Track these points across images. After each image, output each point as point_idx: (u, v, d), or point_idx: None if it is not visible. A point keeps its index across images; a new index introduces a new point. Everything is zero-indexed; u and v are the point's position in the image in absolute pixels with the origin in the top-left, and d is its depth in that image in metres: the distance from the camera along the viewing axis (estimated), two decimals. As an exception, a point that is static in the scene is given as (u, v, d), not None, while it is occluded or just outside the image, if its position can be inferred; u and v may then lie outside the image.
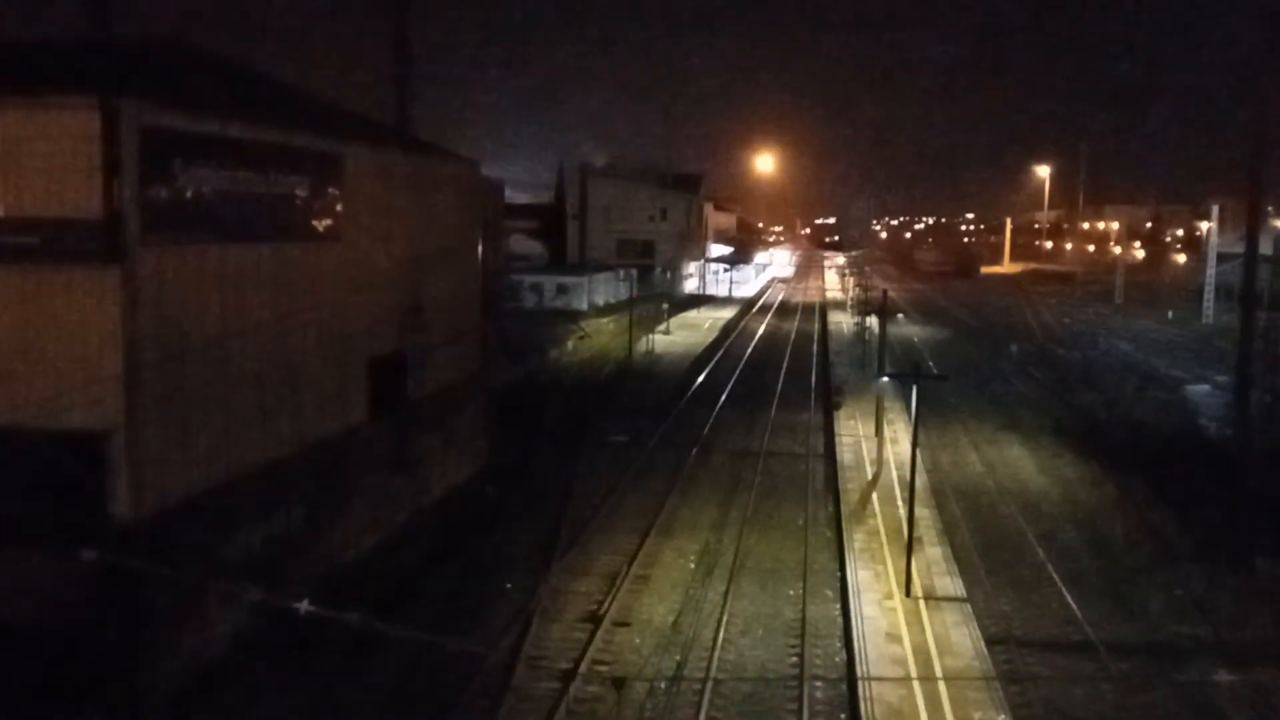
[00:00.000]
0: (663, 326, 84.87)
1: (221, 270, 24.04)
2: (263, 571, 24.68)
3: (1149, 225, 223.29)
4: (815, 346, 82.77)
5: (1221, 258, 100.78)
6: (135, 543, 20.84)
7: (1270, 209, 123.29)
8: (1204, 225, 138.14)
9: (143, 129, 21.22)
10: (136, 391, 21.25)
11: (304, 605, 13.90)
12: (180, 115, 22.76)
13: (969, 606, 27.30)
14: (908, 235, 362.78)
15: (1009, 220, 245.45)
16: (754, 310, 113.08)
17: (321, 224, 28.55)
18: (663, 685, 23.57)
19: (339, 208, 29.18)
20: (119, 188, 20.84)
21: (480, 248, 40.59)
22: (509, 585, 29.41)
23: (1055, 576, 30.27)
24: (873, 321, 65.79)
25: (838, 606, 28.27)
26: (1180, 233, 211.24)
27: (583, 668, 24.11)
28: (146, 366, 21.47)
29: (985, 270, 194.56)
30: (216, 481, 23.75)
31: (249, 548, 24.91)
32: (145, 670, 21.57)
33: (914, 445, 29.76)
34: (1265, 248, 51.18)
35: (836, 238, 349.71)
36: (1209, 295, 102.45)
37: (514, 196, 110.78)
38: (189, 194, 22.90)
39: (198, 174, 23.11)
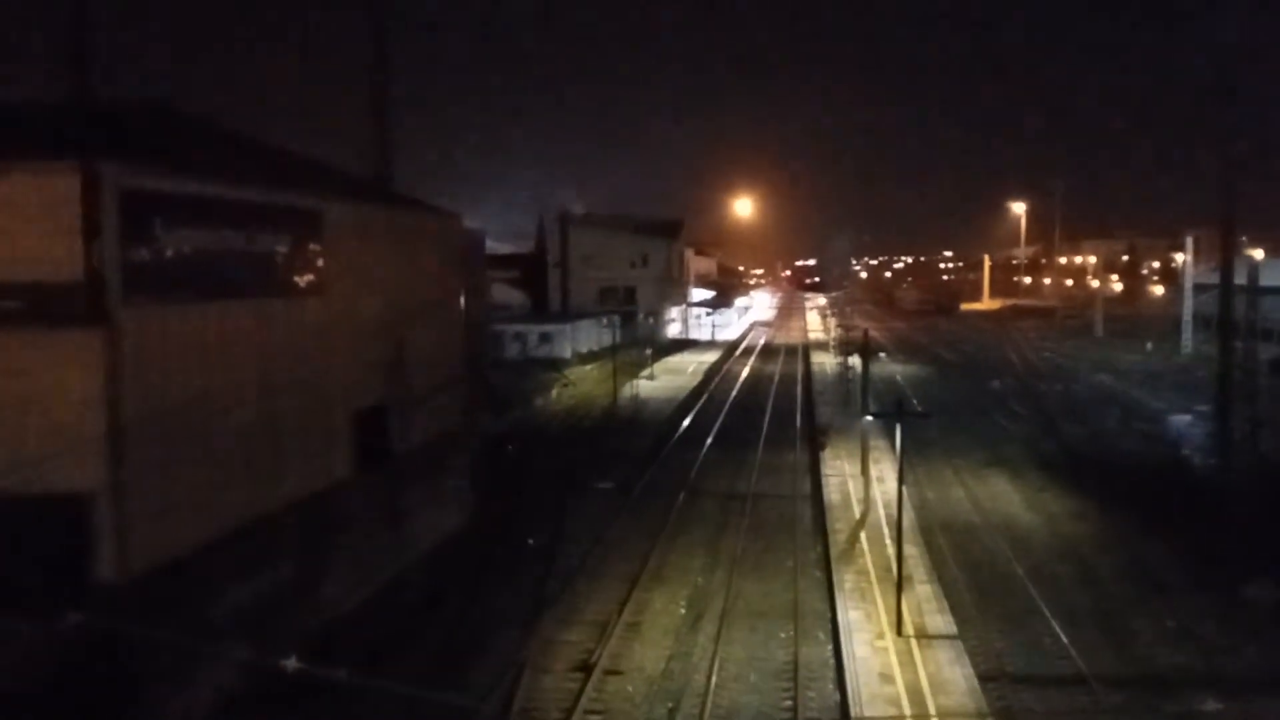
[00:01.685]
0: (647, 372, 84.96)
1: (204, 329, 24.10)
2: (250, 629, 24.53)
3: (1125, 258, 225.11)
4: (799, 387, 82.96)
5: (1198, 289, 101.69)
6: (120, 605, 20.71)
7: (1244, 239, 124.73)
8: (1179, 257, 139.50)
9: (123, 191, 21.36)
10: (120, 453, 21.22)
11: (291, 663, 13.83)
12: (160, 177, 22.92)
13: (960, 644, 27.27)
14: (888, 274, 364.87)
15: (987, 257, 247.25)
16: (737, 353, 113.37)
17: (303, 279, 28.67)
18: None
19: (320, 263, 29.32)
20: (100, 250, 20.94)
21: (463, 299, 40.76)
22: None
23: (1045, 611, 30.27)
24: (855, 361, 66.01)
25: (830, 648, 28.19)
26: (1157, 265, 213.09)
27: (574, 718, 23.95)
28: (129, 427, 21.46)
29: (965, 307, 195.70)
30: (202, 540, 23.65)
31: (236, 606, 24.75)
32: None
33: (900, 483, 29.84)
34: (1240, 278, 51.63)
35: (817, 279, 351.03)
36: (1187, 326, 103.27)
37: (495, 246, 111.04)
38: (170, 254, 23.01)
39: (178, 234, 23.23)
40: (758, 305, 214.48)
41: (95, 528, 21.05)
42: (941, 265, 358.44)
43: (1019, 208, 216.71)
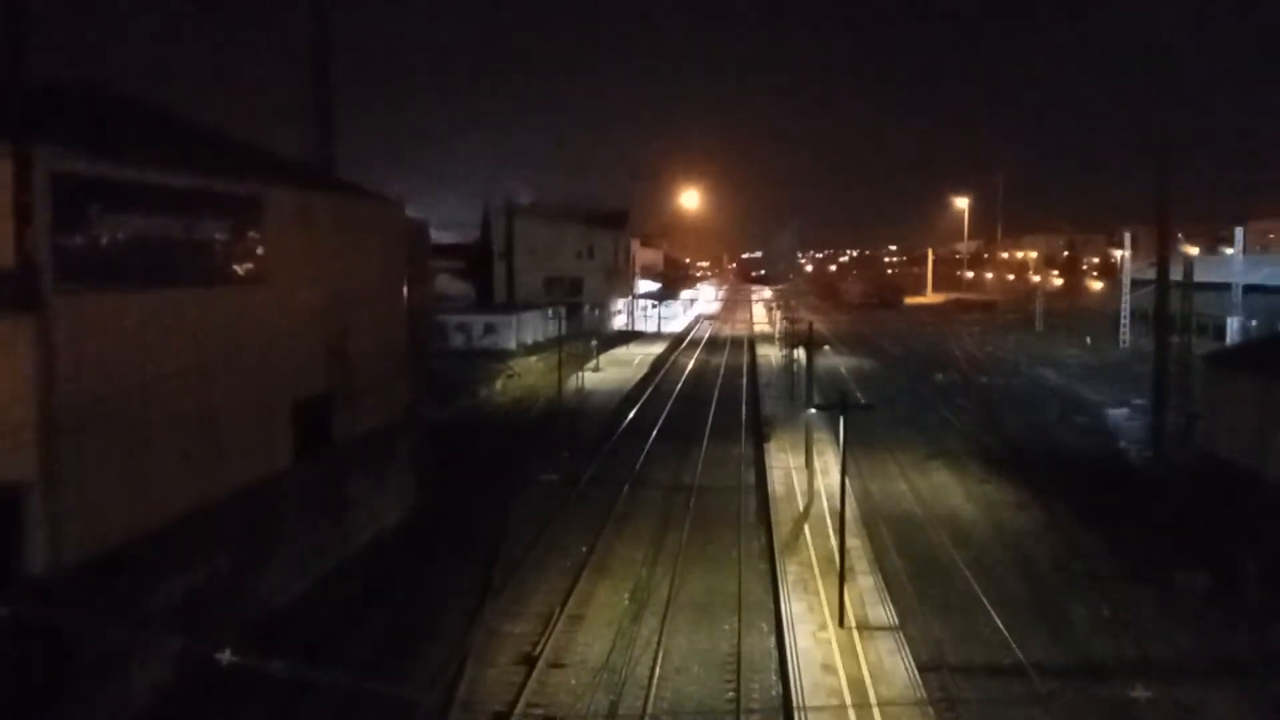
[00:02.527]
0: (592, 363, 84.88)
1: (140, 317, 23.67)
2: (188, 620, 24.19)
3: (1065, 253, 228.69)
4: (744, 379, 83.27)
5: (1135, 284, 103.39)
6: (53, 597, 20.30)
7: (1180, 236, 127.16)
8: (1118, 253, 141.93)
9: (56, 175, 20.90)
10: (52, 443, 20.79)
11: (227, 655, 13.61)
12: (96, 161, 22.45)
13: (902, 634, 27.53)
14: (833, 268, 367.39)
15: (931, 251, 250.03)
16: (683, 345, 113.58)
17: (243, 267, 28.25)
18: (599, 724, 23.42)
19: (260, 250, 28.90)
20: (32, 235, 20.47)
21: (406, 288, 40.40)
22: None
23: (985, 601, 30.64)
24: (800, 353, 66.38)
25: (773, 639, 28.33)
26: (1096, 260, 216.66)
27: (518, 710, 23.87)
28: (63, 417, 21.02)
29: (909, 301, 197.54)
30: (138, 532, 23.26)
31: (172, 597, 24.39)
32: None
33: (843, 475, 30.04)
34: (1176, 274, 52.59)
35: (763, 271, 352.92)
36: (1125, 321, 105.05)
37: (439, 236, 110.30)
38: (105, 240, 22.56)
39: (114, 220, 22.78)
40: (704, 297, 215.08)
41: (27, 519, 20.61)
42: (886, 259, 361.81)
43: (962, 203, 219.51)
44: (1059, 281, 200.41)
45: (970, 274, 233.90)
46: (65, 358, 21.14)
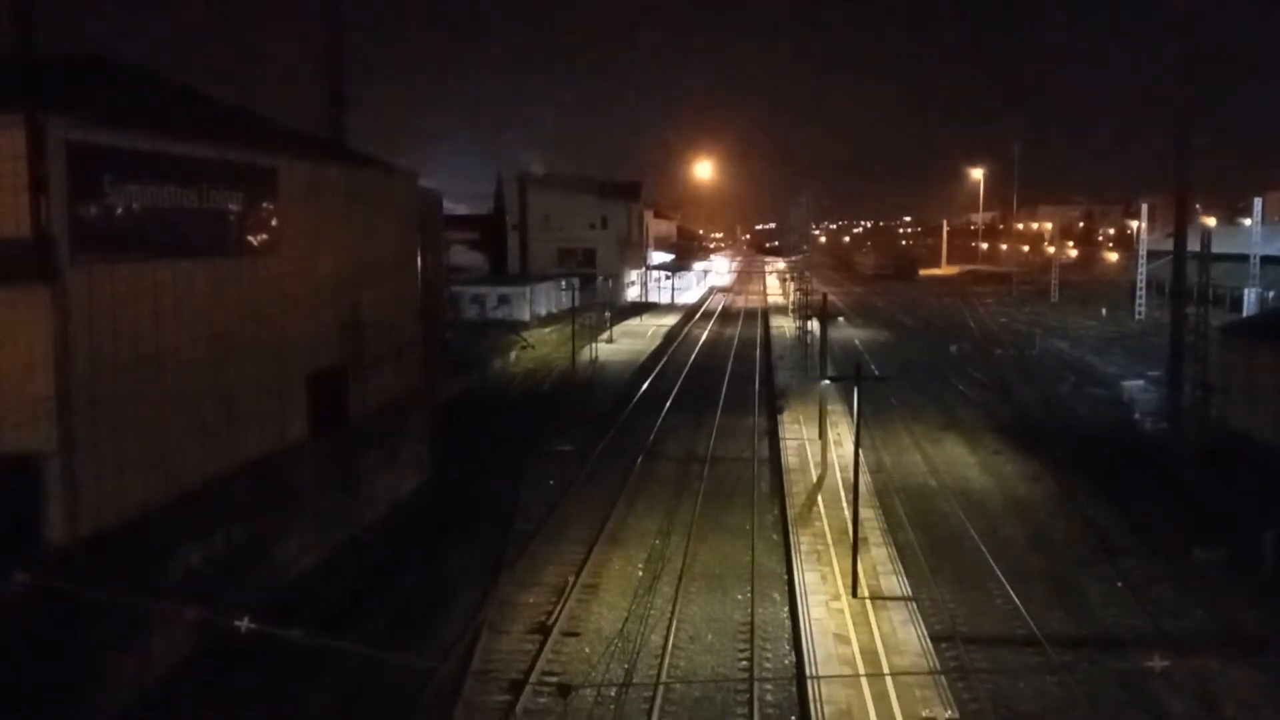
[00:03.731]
0: (606, 335, 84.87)
1: (155, 288, 23.70)
2: (204, 591, 24.36)
3: (1081, 225, 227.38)
4: (758, 351, 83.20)
5: (1152, 255, 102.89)
6: (71, 566, 20.45)
7: (1197, 207, 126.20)
8: (1134, 224, 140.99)
9: (70, 146, 20.89)
10: (69, 413, 20.88)
11: (245, 624, 13.71)
12: (109, 131, 22.42)
13: (915, 605, 27.55)
14: (847, 239, 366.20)
15: (945, 222, 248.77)
16: (697, 316, 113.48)
17: (257, 238, 28.25)
18: (612, 693, 23.54)
19: (274, 222, 28.89)
20: (47, 206, 20.48)
21: (420, 259, 40.37)
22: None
23: (998, 572, 30.66)
24: (814, 325, 66.25)
25: (786, 609, 28.41)
26: (1112, 231, 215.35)
27: (532, 678, 24.00)
28: (79, 387, 21.11)
29: (924, 272, 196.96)
30: (154, 502, 23.39)
31: (189, 567, 24.56)
32: (84, 694, 21.16)
33: (856, 446, 30.01)
34: (1193, 245, 52.20)
35: (777, 243, 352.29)
36: (1141, 292, 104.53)
37: (453, 207, 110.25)
38: (120, 211, 22.56)
39: (129, 191, 22.77)
40: (717, 269, 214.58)
41: (45, 489, 20.73)
42: (901, 230, 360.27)
43: (977, 173, 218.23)
44: (1074, 253, 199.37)
45: (985, 245, 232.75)
46: (81, 329, 21.19)
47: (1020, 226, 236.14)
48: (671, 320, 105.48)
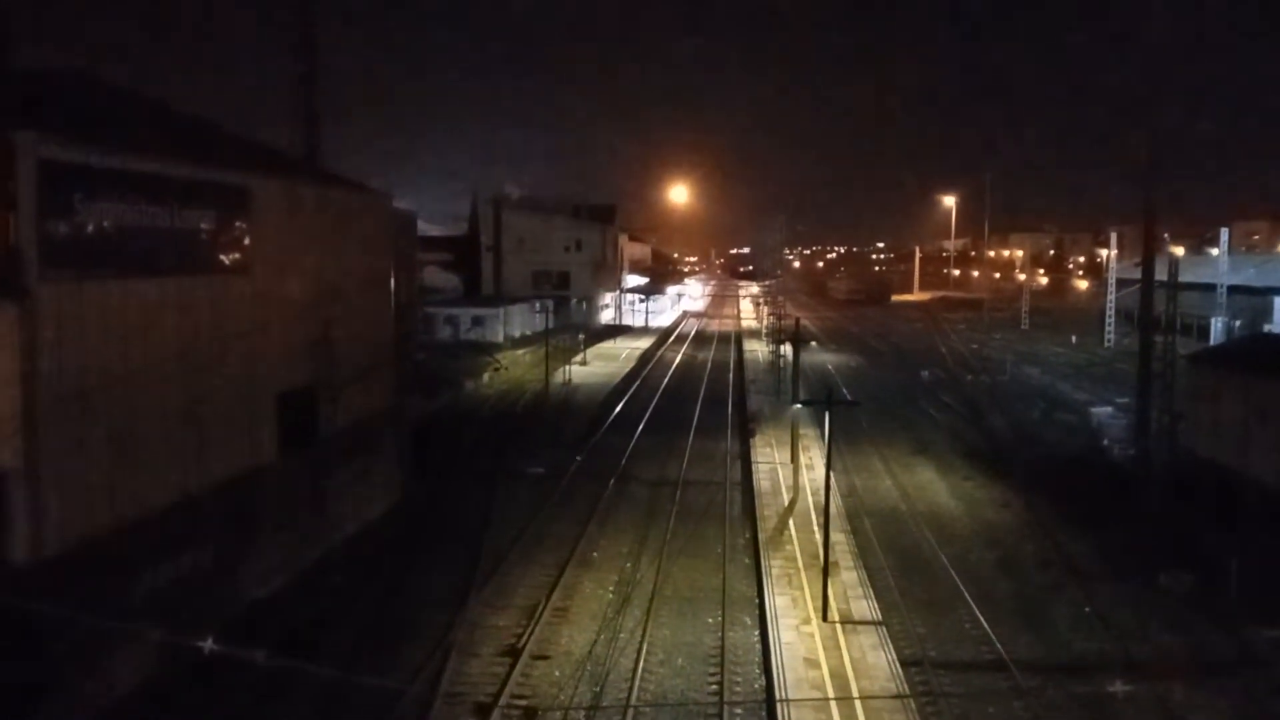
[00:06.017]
0: (579, 357, 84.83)
1: (124, 306, 23.57)
2: (170, 611, 24.11)
3: (1052, 252, 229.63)
4: (731, 374, 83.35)
5: (1121, 283, 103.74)
6: (34, 585, 20.22)
7: (1166, 236, 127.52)
8: (1104, 252, 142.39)
9: (40, 162, 20.78)
10: (35, 431, 20.70)
11: (210, 645, 13.58)
12: (80, 148, 22.33)
13: (885, 629, 27.61)
14: (820, 264, 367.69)
15: (918, 249, 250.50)
16: (670, 340, 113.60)
17: (228, 257, 28.16)
18: (581, 716, 23.45)
19: (246, 241, 28.81)
20: (16, 224, 20.36)
21: (393, 280, 40.31)
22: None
23: (968, 597, 30.77)
24: (787, 349, 66.47)
25: (756, 633, 28.40)
26: (1082, 259, 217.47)
27: (501, 701, 23.88)
28: (46, 405, 20.94)
29: (896, 298, 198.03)
30: (120, 522, 23.18)
31: (155, 588, 24.32)
32: (45, 714, 20.89)
33: (828, 471, 30.11)
34: (1161, 273, 52.77)
35: (751, 267, 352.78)
36: (1110, 320, 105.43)
37: (427, 229, 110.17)
38: (90, 229, 22.45)
39: (99, 208, 22.67)
40: (691, 293, 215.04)
41: (9, 507, 20.52)
42: (874, 256, 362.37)
43: (949, 201, 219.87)
44: (1045, 280, 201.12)
45: (957, 272, 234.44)
46: (49, 346, 21.04)
47: (992, 253, 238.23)
48: (646, 343, 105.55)
